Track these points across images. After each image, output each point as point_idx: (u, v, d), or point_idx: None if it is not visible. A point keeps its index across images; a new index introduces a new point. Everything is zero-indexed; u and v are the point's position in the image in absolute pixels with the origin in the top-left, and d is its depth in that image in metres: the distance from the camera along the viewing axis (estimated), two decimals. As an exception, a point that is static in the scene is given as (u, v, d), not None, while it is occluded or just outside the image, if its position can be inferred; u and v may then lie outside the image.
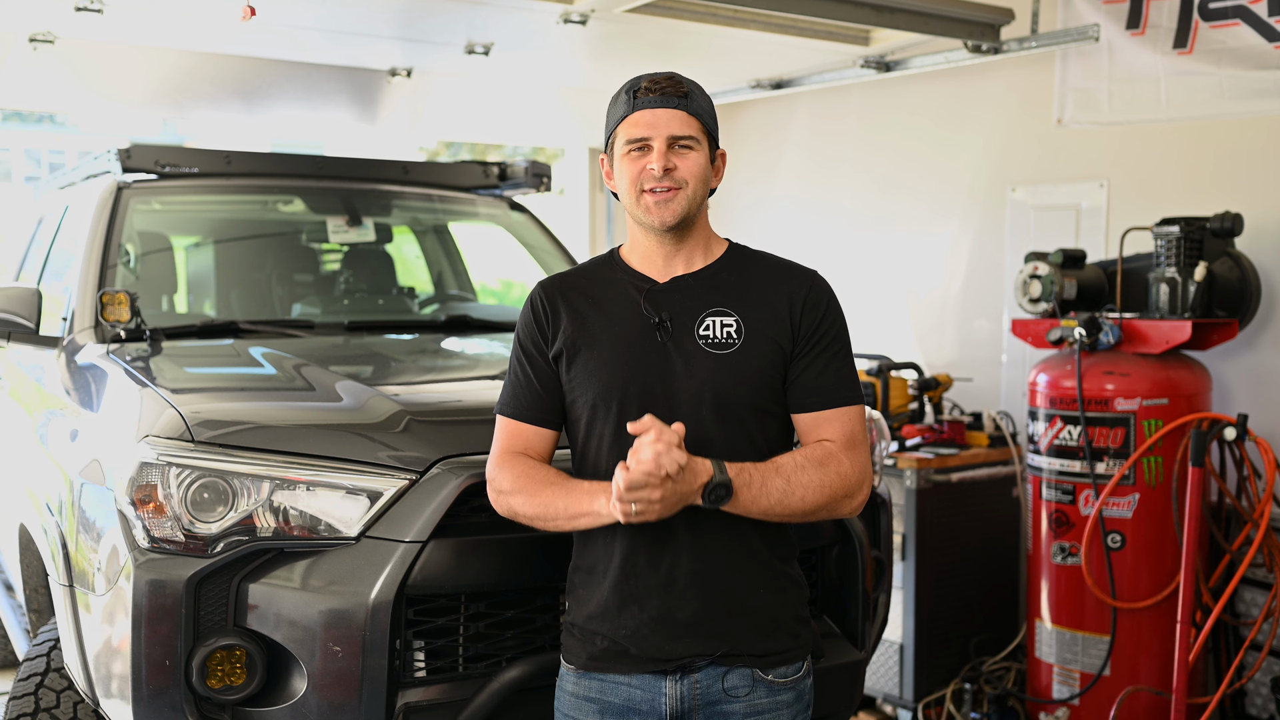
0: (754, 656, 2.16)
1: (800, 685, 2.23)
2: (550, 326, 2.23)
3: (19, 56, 4.94)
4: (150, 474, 2.46)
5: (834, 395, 2.19)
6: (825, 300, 2.22)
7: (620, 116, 2.18)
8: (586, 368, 2.18)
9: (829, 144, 6.18)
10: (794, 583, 2.24)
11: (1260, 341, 4.41)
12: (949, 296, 5.60)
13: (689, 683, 2.15)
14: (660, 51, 5.18)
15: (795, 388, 2.19)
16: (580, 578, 2.24)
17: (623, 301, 2.21)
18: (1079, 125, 4.80)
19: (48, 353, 3.59)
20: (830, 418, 2.19)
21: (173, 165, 4.09)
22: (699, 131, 2.17)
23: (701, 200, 2.20)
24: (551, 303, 2.24)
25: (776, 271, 2.25)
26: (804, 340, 2.18)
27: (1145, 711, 4.11)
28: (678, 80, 2.18)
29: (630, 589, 2.14)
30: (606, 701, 2.18)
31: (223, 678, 2.41)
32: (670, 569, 2.13)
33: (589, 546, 2.21)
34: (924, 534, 4.45)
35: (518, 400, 2.25)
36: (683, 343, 2.16)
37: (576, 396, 2.20)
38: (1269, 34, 4.18)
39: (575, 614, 2.23)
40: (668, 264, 2.23)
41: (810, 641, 2.26)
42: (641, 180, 2.15)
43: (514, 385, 2.26)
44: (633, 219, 2.22)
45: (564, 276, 2.32)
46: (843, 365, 2.21)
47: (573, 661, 2.23)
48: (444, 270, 4.83)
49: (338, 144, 12.56)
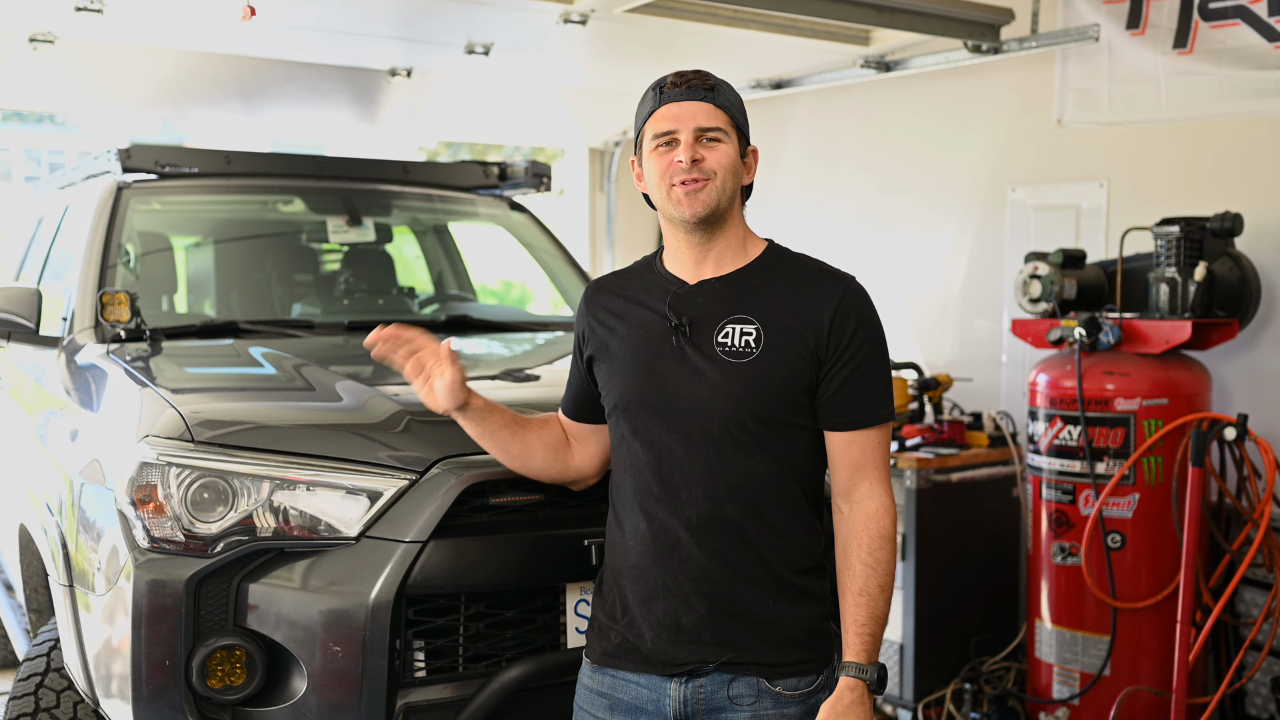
0: (761, 666, 2.13)
1: (810, 701, 2.16)
2: (587, 327, 2.29)
3: (19, 56, 4.94)
4: (150, 474, 2.46)
5: (866, 414, 2.12)
6: (858, 309, 2.13)
7: (647, 113, 2.17)
8: (610, 369, 2.21)
9: (829, 144, 6.18)
10: (808, 595, 2.17)
11: (1260, 341, 4.41)
12: (949, 296, 5.60)
13: (694, 687, 2.14)
14: (660, 51, 5.18)
15: (827, 404, 2.12)
16: (605, 574, 2.28)
17: (651, 303, 2.21)
18: (1079, 125, 4.80)
19: (48, 353, 3.59)
20: (862, 440, 2.12)
21: (173, 165, 4.09)
22: (727, 124, 2.15)
23: (732, 194, 2.17)
24: (590, 304, 2.31)
25: (810, 277, 2.17)
26: (835, 353, 2.10)
27: (1145, 711, 4.11)
28: (704, 74, 2.17)
29: (642, 591, 2.16)
30: (616, 698, 2.19)
31: (223, 678, 2.41)
32: (676, 574, 2.12)
33: (612, 544, 2.25)
34: (924, 534, 4.45)
35: (565, 395, 2.41)
36: (701, 349, 2.13)
37: (604, 396, 2.26)
38: (1269, 34, 4.18)
39: (597, 608, 2.28)
40: (698, 266, 2.20)
41: (829, 657, 2.21)
42: (670, 174, 2.12)
43: (568, 381, 2.40)
44: (664, 216, 2.20)
45: (609, 276, 2.36)
46: (877, 380, 2.13)
47: (590, 655, 2.26)
48: (444, 270, 4.83)
49: (338, 144, 12.57)
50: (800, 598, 2.16)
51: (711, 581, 2.12)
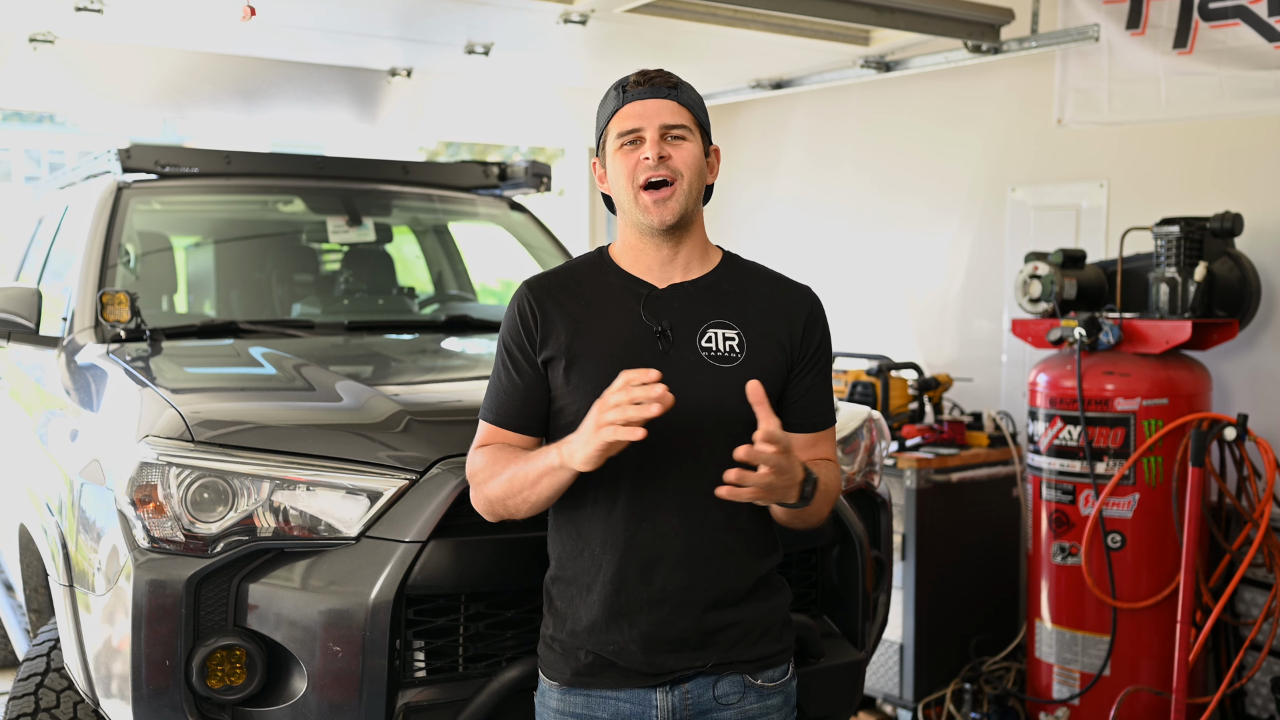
0: (743, 663, 2.14)
1: (787, 688, 2.22)
2: (539, 330, 2.14)
3: (19, 56, 4.94)
4: (150, 474, 2.46)
5: (829, 415, 2.25)
6: (823, 319, 2.24)
7: (610, 112, 2.15)
8: (583, 375, 2.10)
9: (829, 144, 6.18)
10: (778, 589, 2.22)
11: (1260, 341, 4.41)
12: (949, 296, 5.60)
13: (680, 693, 2.12)
14: (660, 51, 5.18)
15: (797, 408, 2.18)
16: (560, 589, 2.17)
17: (619, 307, 2.15)
18: (1079, 125, 4.80)
19: (48, 353, 3.59)
20: (825, 438, 2.24)
21: (173, 165, 4.09)
22: (691, 122, 2.14)
23: (698, 196, 2.15)
24: (540, 305, 2.15)
25: (776, 286, 2.22)
26: (805, 359, 2.18)
27: (1145, 711, 4.11)
28: (666, 73, 2.16)
29: (620, 604, 2.09)
30: (594, 717, 2.13)
31: (223, 678, 2.41)
32: (663, 585, 2.09)
33: (573, 558, 2.15)
34: (924, 534, 4.45)
35: (499, 405, 2.17)
36: (685, 353, 2.11)
37: (567, 404, 2.12)
38: (1269, 34, 4.18)
39: (555, 628, 2.17)
40: (664, 269, 2.17)
41: (792, 643, 2.25)
42: (637, 173, 2.09)
43: (497, 389, 2.18)
44: (628, 220, 2.16)
45: (551, 276, 2.23)
46: (829, 385, 2.26)
47: (555, 678, 2.16)
48: (444, 270, 4.83)
49: (338, 144, 12.56)
50: (771, 592, 2.20)
51: (698, 589, 2.10)
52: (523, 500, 2.08)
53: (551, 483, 2.03)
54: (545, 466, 2.02)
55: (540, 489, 2.05)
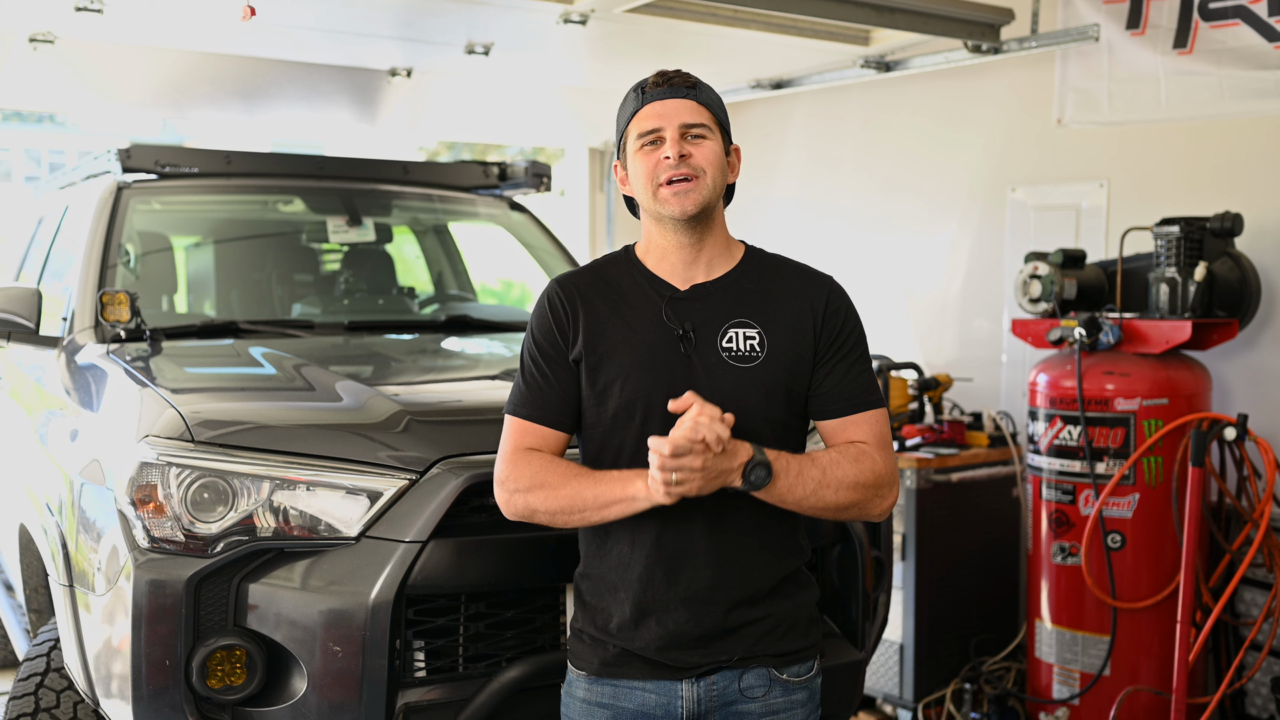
0: (770, 657, 2.16)
1: (813, 684, 2.24)
2: (571, 327, 2.16)
3: (19, 56, 4.94)
4: (150, 474, 2.46)
5: (859, 400, 2.17)
6: (844, 307, 2.20)
7: (630, 114, 2.16)
8: (609, 376, 2.13)
9: (829, 144, 6.18)
10: (805, 585, 2.24)
11: (1260, 341, 4.41)
12: (949, 296, 5.60)
13: (705, 685, 2.14)
14: (660, 51, 5.18)
15: (819, 395, 2.17)
16: (590, 586, 2.20)
17: (643, 308, 2.16)
18: (1079, 125, 4.80)
19: (48, 353, 3.59)
20: (858, 421, 2.16)
21: (173, 165, 4.09)
22: (711, 121, 2.15)
23: (719, 192, 2.16)
24: (571, 302, 2.17)
25: (795, 279, 2.22)
26: (826, 348, 2.16)
27: (1145, 711, 4.11)
28: (685, 74, 2.17)
29: (648, 603, 2.12)
30: (620, 707, 2.15)
31: (223, 678, 2.41)
32: (690, 583, 2.11)
33: (602, 556, 2.17)
34: (924, 534, 4.45)
35: (533, 400, 2.16)
36: (706, 355, 2.12)
37: (594, 405, 2.14)
38: (1269, 34, 4.17)
39: (584, 622, 2.20)
40: (687, 269, 2.18)
41: (819, 640, 2.27)
42: (658, 172, 2.11)
43: (529, 385, 2.17)
44: (651, 216, 2.17)
45: (581, 274, 2.24)
46: (863, 370, 2.19)
47: (584, 667, 2.19)
48: (444, 270, 4.83)
49: (338, 144, 12.57)
50: (799, 588, 2.22)
51: (724, 588, 2.12)
52: (583, 519, 2.09)
53: (624, 510, 2.05)
54: (624, 495, 2.04)
55: (609, 514, 2.07)
